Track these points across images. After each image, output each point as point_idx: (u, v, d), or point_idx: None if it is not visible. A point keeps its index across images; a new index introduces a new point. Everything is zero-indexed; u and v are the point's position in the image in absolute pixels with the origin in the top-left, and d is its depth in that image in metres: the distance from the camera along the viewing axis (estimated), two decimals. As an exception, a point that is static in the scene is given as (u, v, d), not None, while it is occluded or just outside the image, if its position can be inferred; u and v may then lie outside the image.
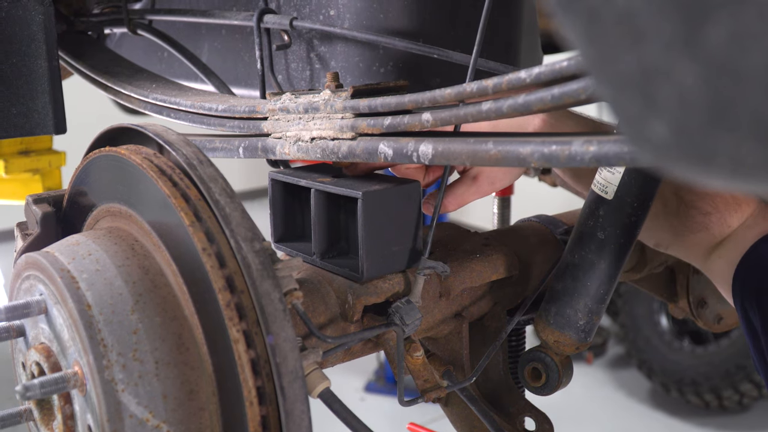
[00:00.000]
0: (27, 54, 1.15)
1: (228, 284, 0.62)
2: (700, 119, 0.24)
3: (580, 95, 0.60)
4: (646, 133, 0.25)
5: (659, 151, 0.26)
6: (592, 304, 0.87)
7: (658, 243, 0.96)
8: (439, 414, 4.11)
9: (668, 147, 0.25)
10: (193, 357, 0.66)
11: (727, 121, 0.23)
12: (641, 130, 0.25)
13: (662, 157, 0.26)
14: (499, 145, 0.67)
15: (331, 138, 0.82)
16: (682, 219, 0.93)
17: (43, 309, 0.70)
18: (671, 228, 0.93)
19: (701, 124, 0.24)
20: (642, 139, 0.26)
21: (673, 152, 0.25)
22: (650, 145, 0.26)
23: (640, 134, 0.26)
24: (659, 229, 0.95)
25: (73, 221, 0.81)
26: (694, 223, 0.92)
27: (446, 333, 0.92)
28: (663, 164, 0.26)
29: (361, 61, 1.09)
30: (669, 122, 0.25)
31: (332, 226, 0.86)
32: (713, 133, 0.24)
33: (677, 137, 0.25)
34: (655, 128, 0.25)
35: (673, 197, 0.93)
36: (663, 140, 0.25)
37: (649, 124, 0.25)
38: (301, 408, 0.62)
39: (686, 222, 0.92)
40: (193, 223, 0.64)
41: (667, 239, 0.95)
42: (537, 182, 1.60)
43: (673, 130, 0.25)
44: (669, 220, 0.93)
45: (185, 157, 0.67)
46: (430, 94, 0.72)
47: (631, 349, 4.01)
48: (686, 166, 0.26)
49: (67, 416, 0.69)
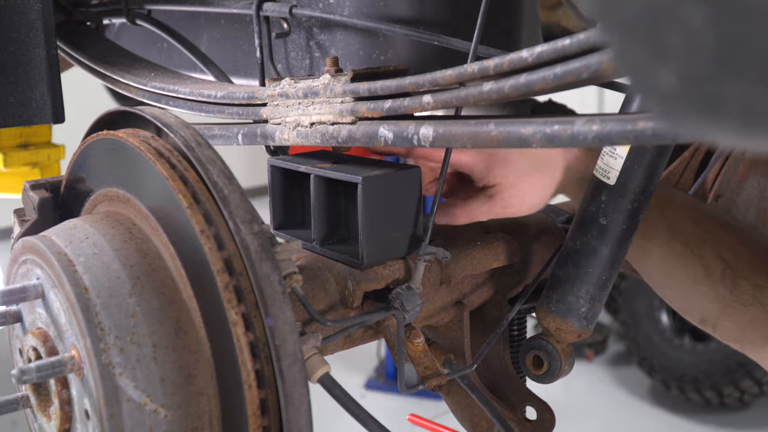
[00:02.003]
0: (25, 43, 1.15)
1: (226, 266, 0.61)
2: (708, 65, 0.23)
3: (583, 74, 0.59)
4: (654, 82, 0.25)
5: (667, 101, 0.25)
6: (594, 291, 0.86)
7: (704, 318, 0.83)
8: (440, 411, 4.10)
9: (676, 96, 0.25)
10: (192, 341, 0.65)
11: (736, 66, 0.23)
12: (649, 79, 0.25)
13: (670, 108, 0.25)
14: (501, 126, 0.66)
15: (330, 123, 0.81)
16: (729, 288, 0.80)
17: (40, 293, 0.69)
18: (717, 298, 0.81)
19: (710, 70, 0.23)
20: (650, 89, 0.25)
21: (682, 101, 0.25)
22: (658, 95, 0.25)
23: (648, 84, 0.25)
24: (703, 299, 0.82)
25: (70, 207, 0.81)
26: (745, 295, 0.79)
27: (447, 321, 0.91)
28: (671, 116, 0.25)
29: (361, 48, 1.08)
30: (677, 70, 0.24)
31: (332, 212, 0.85)
32: (722, 78, 0.23)
33: (685, 85, 0.24)
34: (663, 77, 0.24)
35: (717, 260, 0.81)
36: (671, 89, 0.25)
37: (657, 73, 0.24)
38: (300, 391, 0.61)
39: (735, 292, 0.79)
40: (192, 205, 0.63)
41: (715, 313, 0.82)
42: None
43: (681, 78, 0.24)
44: (714, 287, 0.81)
45: (183, 139, 0.67)
46: (431, 75, 0.71)
47: (632, 347, 4.00)
48: (695, 116, 0.25)
49: (64, 401, 0.68)
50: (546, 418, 0.93)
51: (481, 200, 0.89)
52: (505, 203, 0.89)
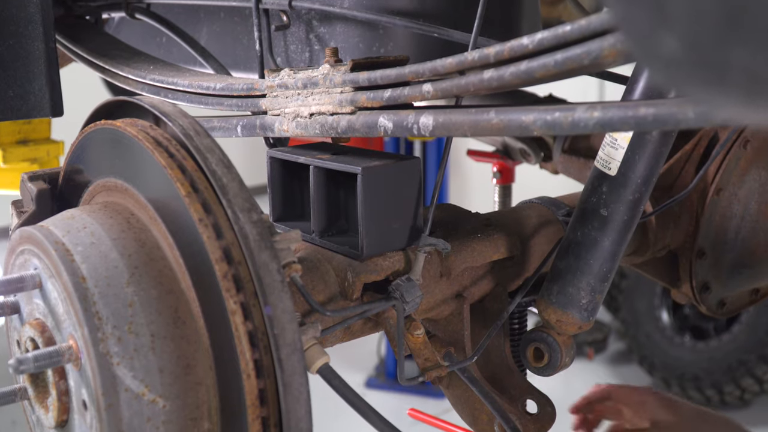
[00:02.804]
0: (24, 36, 1.14)
1: (225, 255, 0.61)
2: (712, 30, 0.23)
3: (584, 60, 0.59)
4: (658, 49, 0.24)
5: (671, 69, 0.24)
6: (594, 283, 0.86)
7: None
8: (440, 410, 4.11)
9: (680, 63, 0.24)
10: (190, 331, 0.64)
11: (741, 30, 0.22)
12: (652, 46, 0.24)
13: (674, 75, 0.25)
14: (501, 114, 0.65)
15: (330, 113, 0.80)
16: None
17: (37, 283, 0.68)
18: None
19: (714, 35, 0.23)
20: (653, 56, 0.24)
21: (686, 68, 0.24)
22: (662, 62, 0.24)
23: (652, 51, 0.24)
24: None
25: (69, 198, 0.80)
26: None
27: (447, 314, 0.91)
28: (675, 83, 0.25)
29: (361, 41, 1.07)
30: (680, 35, 0.23)
31: (332, 203, 0.85)
32: (727, 44, 0.23)
33: (689, 51, 0.24)
34: (667, 43, 0.24)
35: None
36: (675, 55, 0.24)
37: (661, 39, 0.24)
38: (299, 381, 0.60)
39: None
40: (190, 194, 0.63)
41: None
42: (538, 170, 1.59)
43: (685, 44, 0.23)
44: None
45: (182, 128, 0.66)
46: (431, 64, 0.71)
47: (632, 345, 4.00)
48: (699, 83, 0.24)
49: (62, 392, 0.67)
50: (546, 411, 0.92)
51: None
52: None
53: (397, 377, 0.80)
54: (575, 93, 1.22)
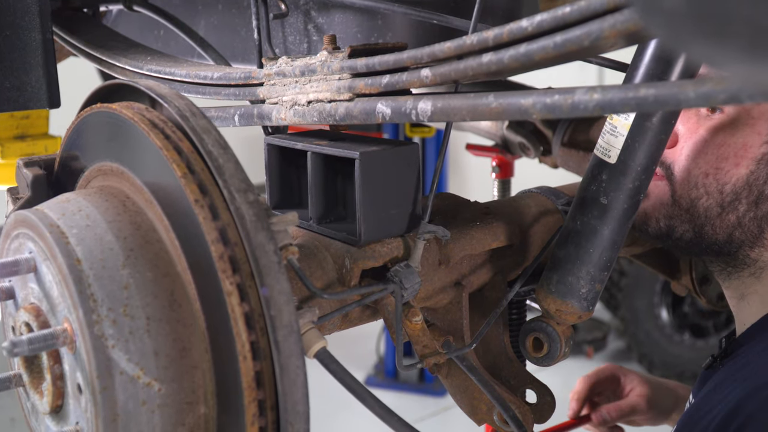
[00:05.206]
0: (20, 27, 1.14)
1: (221, 236, 0.60)
2: (716, -22, 0.22)
3: (584, 41, 0.58)
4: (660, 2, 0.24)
5: (673, 22, 0.24)
6: (594, 272, 0.85)
7: None
8: (439, 408, 4.09)
9: (682, 15, 0.24)
10: (186, 314, 0.64)
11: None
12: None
13: (676, 29, 0.24)
14: (500, 98, 0.65)
15: (328, 100, 0.80)
16: None
17: (32, 267, 0.68)
18: None
19: (717, -16, 0.22)
20: (655, 9, 0.24)
21: (687, 21, 0.24)
22: (663, 16, 0.24)
23: (655, 4, 0.24)
24: None
25: (65, 183, 0.80)
26: None
27: (446, 303, 0.90)
28: (676, 38, 0.24)
29: (360, 31, 1.07)
30: (683, -15, 0.23)
31: (329, 190, 0.84)
32: (730, -6, 0.22)
33: (691, 3, 0.23)
34: (669, -7, 0.23)
35: None
36: (676, 8, 0.24)
37: (662, -10, 0.23)
38: (296, 363, 0.60)
39: None
40: (186, 175, 0.62)
41: None
42: (537, 164, 1.58)
43: (688, -6, 0.23)
44: None
45: (177, 109, 0.66)
46: (429, 49, 0.70)
47: (632, 343, 4.00)
48: (701, 37, 0.24)
49: (57, 376, 0.67)
50: (546, 401, 0.92)
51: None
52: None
53: (396, 376, 0.79)
54: (574, 84, 1.21)
